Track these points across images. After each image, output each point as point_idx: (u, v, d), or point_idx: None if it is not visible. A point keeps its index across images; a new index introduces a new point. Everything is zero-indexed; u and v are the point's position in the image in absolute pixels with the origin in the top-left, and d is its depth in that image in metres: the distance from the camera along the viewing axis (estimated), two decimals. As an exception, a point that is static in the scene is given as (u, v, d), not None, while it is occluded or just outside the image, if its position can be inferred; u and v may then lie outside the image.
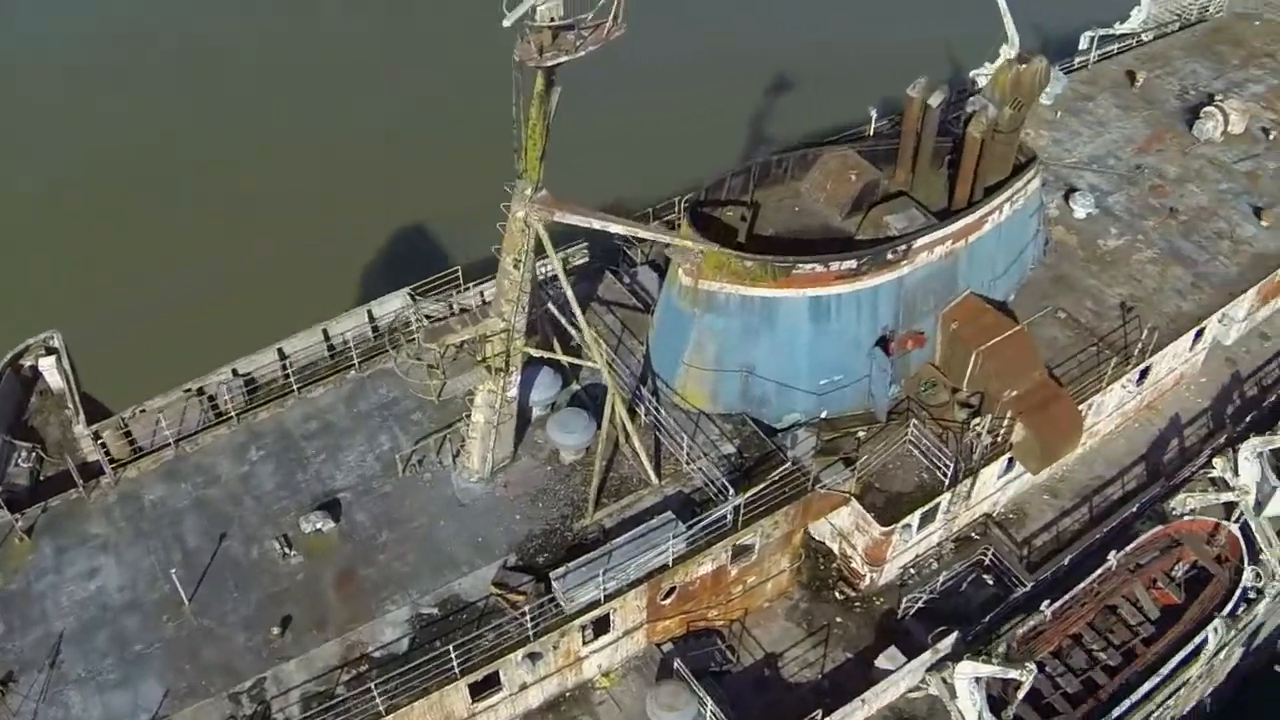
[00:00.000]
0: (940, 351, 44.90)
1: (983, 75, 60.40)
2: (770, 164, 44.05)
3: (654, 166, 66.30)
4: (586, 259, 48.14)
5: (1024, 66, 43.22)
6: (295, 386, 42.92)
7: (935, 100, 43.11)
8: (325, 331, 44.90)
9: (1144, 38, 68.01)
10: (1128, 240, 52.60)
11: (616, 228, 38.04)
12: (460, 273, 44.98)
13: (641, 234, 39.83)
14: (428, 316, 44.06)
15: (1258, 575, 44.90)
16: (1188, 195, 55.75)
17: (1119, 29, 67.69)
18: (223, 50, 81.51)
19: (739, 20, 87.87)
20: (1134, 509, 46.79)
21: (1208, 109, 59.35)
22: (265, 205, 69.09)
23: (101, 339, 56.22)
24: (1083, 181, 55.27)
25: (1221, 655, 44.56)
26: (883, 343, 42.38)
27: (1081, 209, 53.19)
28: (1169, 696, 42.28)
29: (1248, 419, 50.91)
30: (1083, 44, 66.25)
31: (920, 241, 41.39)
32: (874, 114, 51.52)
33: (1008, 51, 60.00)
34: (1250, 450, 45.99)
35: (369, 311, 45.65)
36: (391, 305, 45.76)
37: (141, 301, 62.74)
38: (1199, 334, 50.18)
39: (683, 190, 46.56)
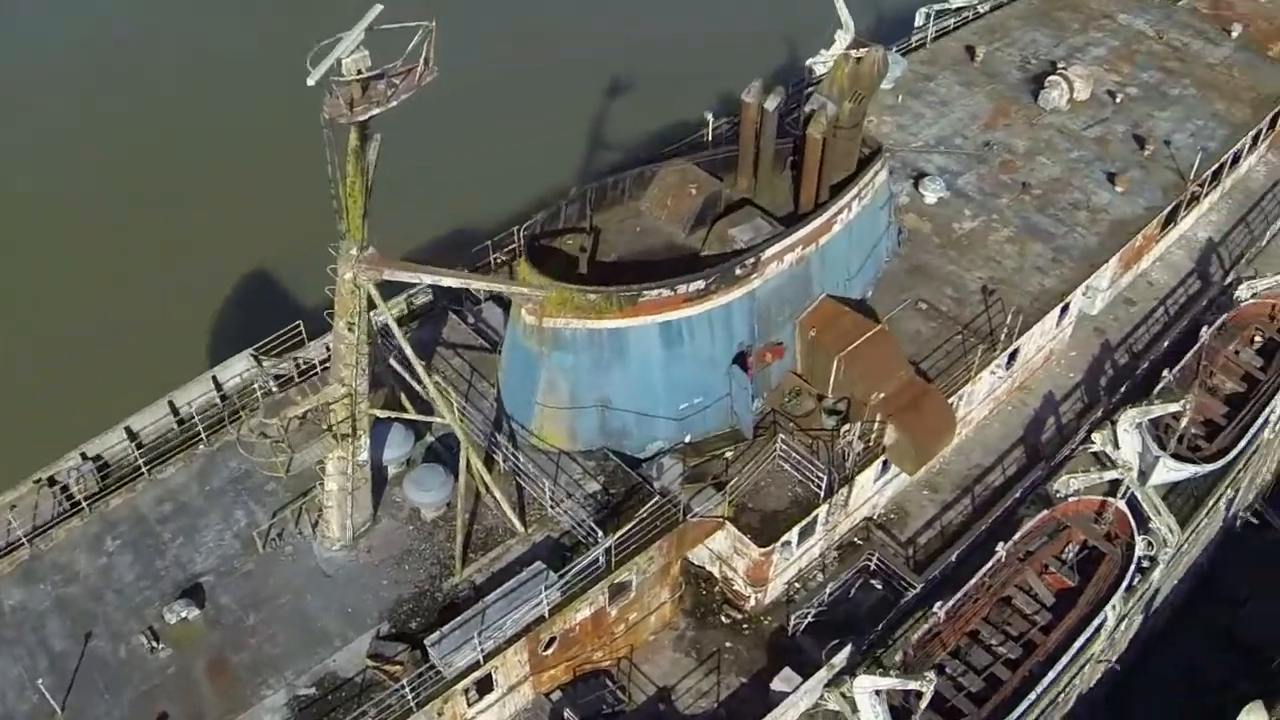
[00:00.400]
0: (801, 359, 45.88)
1: (819, 64, 61.52)
2: (606, 185, 44.56)
3: (490, 194, 66.70)
4: (430, 297, 48.31)
5: (860, 59, 44.54)
6: (145, 468, 42.62)
7: (771, 104, 44.05)
8: (171, 404, 44.62)
9: (980, 9, 69.93)
10: (983, 221, 54.26)
11: (450, 281, 38.41)
12: (303, 328, 44.96)
13: (476, 285, 40.31)
14: (275, 376, 44.19)
15: (1150, 544, 46.64)
16: (1039, 168, 57.70)
17: (954, 3, 69.38)
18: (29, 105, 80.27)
19: (558, 25, 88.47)
20: (1017, 495, 48.37)
21: (1052, 78, 61.37)
22: (96, 266, 68.10)
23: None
24: (931, 165, 56.90)
25: (1122, 627, 46.55)
26: (741, 359, 43.22)
27: (932, 194, 54.70)
28: (1074, 677, 43.86)
29: (1123, 389, 52.79)
30: (919, 20, 67.87)
31: (769, 252, 42.29)
32: (710, 117, 52.46)
33: (843, 37, 61.20)
34: (1128, 422, 47.74)
35: (214, 378, 45.44)
36: (236, 368, 45.64)
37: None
38: (1064, 309, 51.88)
39: (524, 212, 47.02)
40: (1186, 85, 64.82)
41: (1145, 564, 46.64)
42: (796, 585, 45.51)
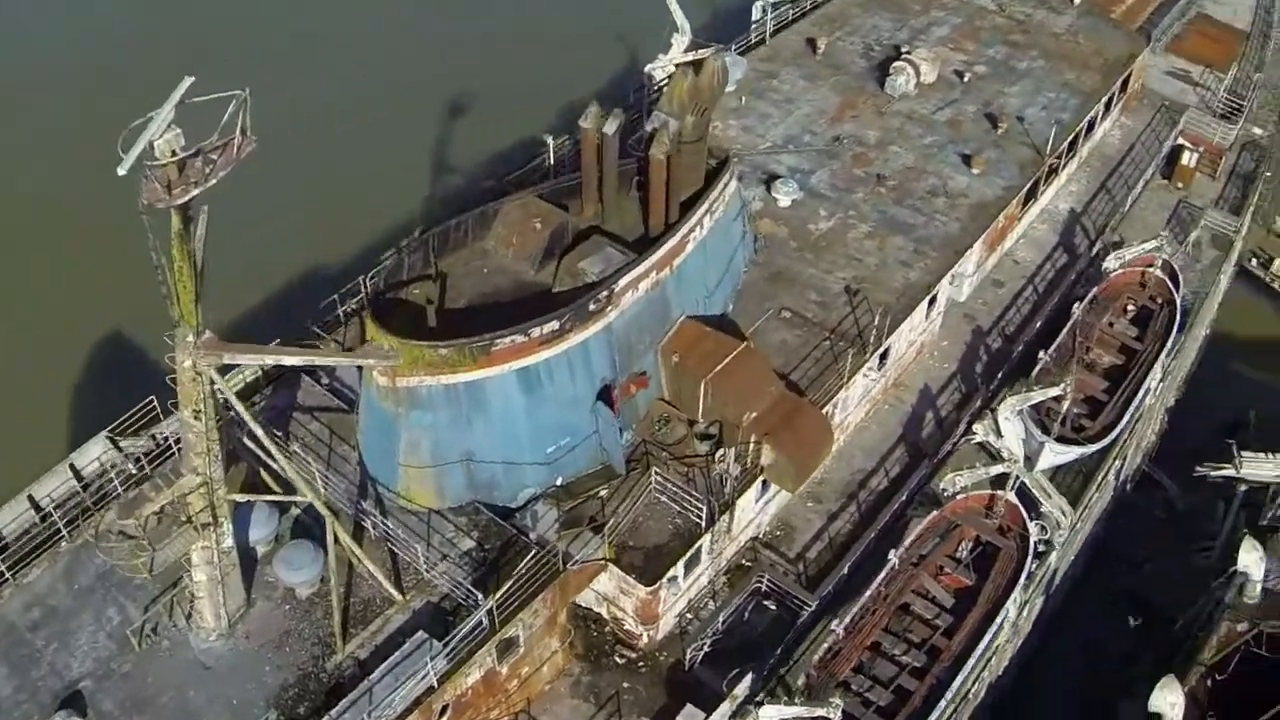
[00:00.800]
0: (668, 385, 46.97)
1: (658, 69, 62.88)
2: (449, 229, 45.07)
3: (330, 237, 67.31)
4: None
5: (699, 71, 45.43)
6: (8, 574, 42.36)
7: (611, 127, 44.91)
8: (31, 498, 44.26)
9: None
10: (840, 219, 55.80)
11: (292, 360, 38.95)
12: (156, 403, 44.82)
13: (320, 361, 40.79)
14: (133, 457, 44.20)
15: (1044, 529, 48.41)
16: (892, 158, 59.52)
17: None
18: None
19: (381, 49, 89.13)
20: (904, 498, 49.90)
21: (897, 64, 63.30)
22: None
23: None
24: (782, 166, 58.38)
25: (1025, 614, 48.44)
26: (605, 394, 44.19)
27: (786, 196, 56.13)
28: (981, 671, 45.38)
29: (999, 375, 54.71)
30: (756, 14, 69.33)
31: (622, 283, 43.23)
32: (550, 140, 53.30)
33: (679, 40, 62.63)
34: (1009, 410, 49.52)
35: (71, 466, 45.09)
36: (92, 453, 45.30)
37: None
38: (932, 302, 53.54)
39: (372, 248, 47.19)
40: (1034, 57, 67.10)
41: (1041, 548, 48.40)
42: (689, 616, 46.48)
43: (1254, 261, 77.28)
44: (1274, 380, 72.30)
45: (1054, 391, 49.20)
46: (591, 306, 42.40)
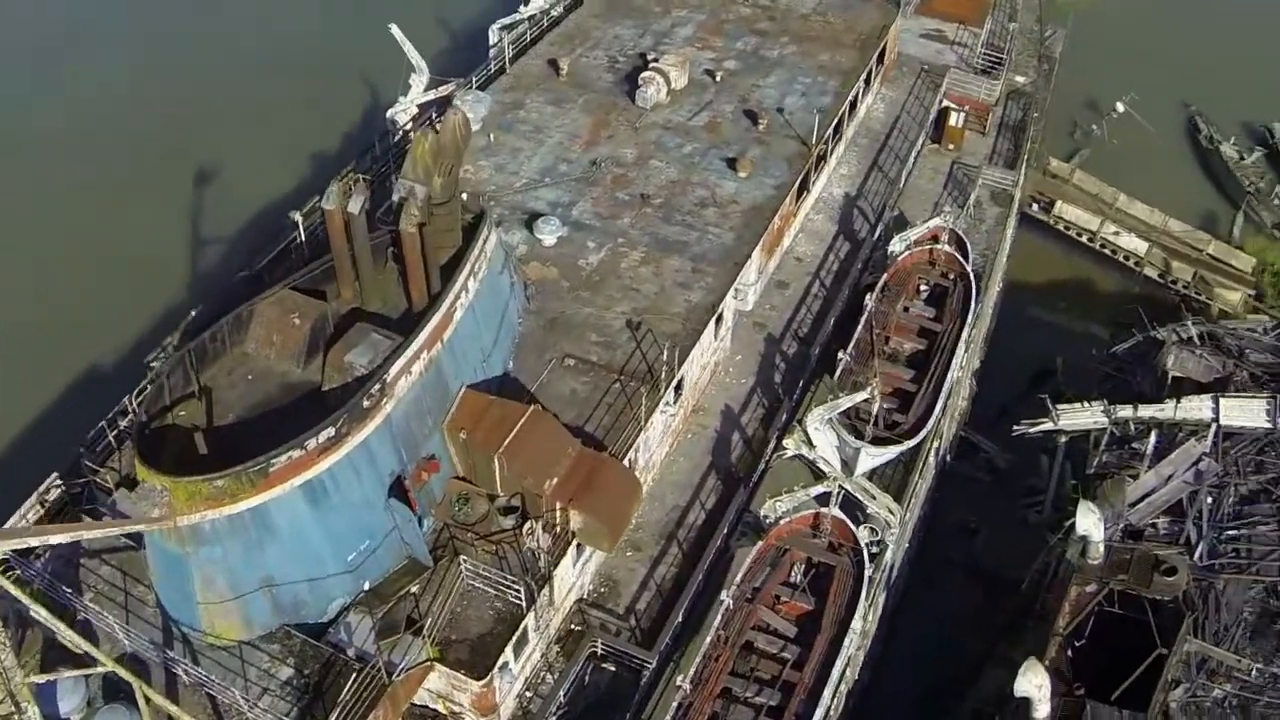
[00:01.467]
0: (460, 461, 48.31)
1: (400, 112, 64.42)
2: (205, 341, 45.61)
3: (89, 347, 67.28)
4: (62, 488, 48.32)
5: (439, 130, 47.05)
6: None
7: (355, 205, 45.96)
8: None
9: (555, 12, 73.62)
10: (610, 249, 57.88)
11: (59, 538, 39.51)
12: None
13: (89, 535, 41.31)
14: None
15: (873, 531, 51.06)
16: (654, 174, 61.89)
17: (524, 12, 72.74)
18: None
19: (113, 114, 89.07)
20: (725, 530, 51.76)
21: (645, 74, 65.64)
22: None
23: None
24: (542, 202, 60.14)
25: (871, 618, 51.36)
26: (397, 487, 45.50)
27: (550, 234, 57.86)
28: (839, 688, 47.75)
29: (801, 383, 57.22)
30: (492, 38, 71.41)
31: (393, 370, 44.38)
32: (299, 218, 54.07)
33: (418, 80, 64.27)
34: (817, 420, 51.79)
35: None
36: None
37: None
38: (718, 320, 55.77)
39: (132, 353, 46.69)
40: (785, 44, 70.24)
41: (875, 550, 50.96)
42: (529, 695, 47.89)
43: (1035, 207, 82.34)
44: (1071, 321, 79.07)
45: (860, 397, 51.48)
46: (365, 403, 43.45)
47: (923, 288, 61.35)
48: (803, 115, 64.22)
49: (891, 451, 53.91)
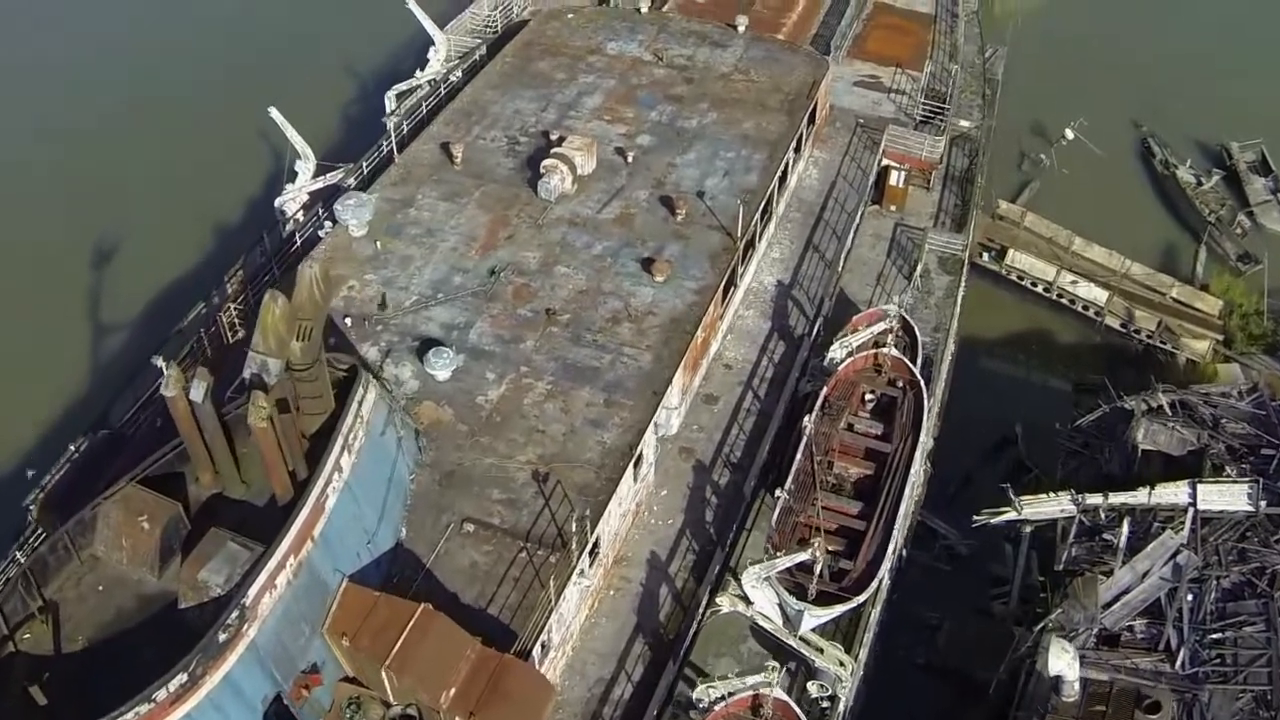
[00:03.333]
0: (347, 664, 43.39)
1: (289, 201, 60.73)
2: (45, 555, 41.18)
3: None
4: None
5: (294, 288, 42.07)
6: None
7: (198, 392, 41.08)
8: None
9: (454, 77, 68.55)
10: (512, 381, 52.19)
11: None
12: None
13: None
14: None
15: (822, 687, 46.97)
16: (560, 282, 56.11)
17: (421, 77, 67.98)
18: None
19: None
20: (654, 713, 46.89)
21: (546, 162, 59.90)
22: None
23: None
24: (434, 324, 54.36)
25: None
26: (276, 706, 41.01)
27: (443, 368, 51.85)
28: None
29: (734, 525, 52.36)
30: (389, 105, 67.91)
31: (255, 588, 39.42)
32: (165, 372, 48.81)
33: (305, 167, 59.72)
34: (753, 579, 47.28)
35: None
36: None
37: None
38: (637, 462, 50.74)
39: None
40: (704, 110, 64.99)
41: (827, 704, 47.04)
42: None
43: (985, 256, 78.06)
44: (1030, 375, 76.29)
45: (800, 557, 46.80)
46: (222, 636, 38.50)
47: (868, 397, 56.43)
48: (725, 200, 59.08)
49: (838, 610, 48.95)
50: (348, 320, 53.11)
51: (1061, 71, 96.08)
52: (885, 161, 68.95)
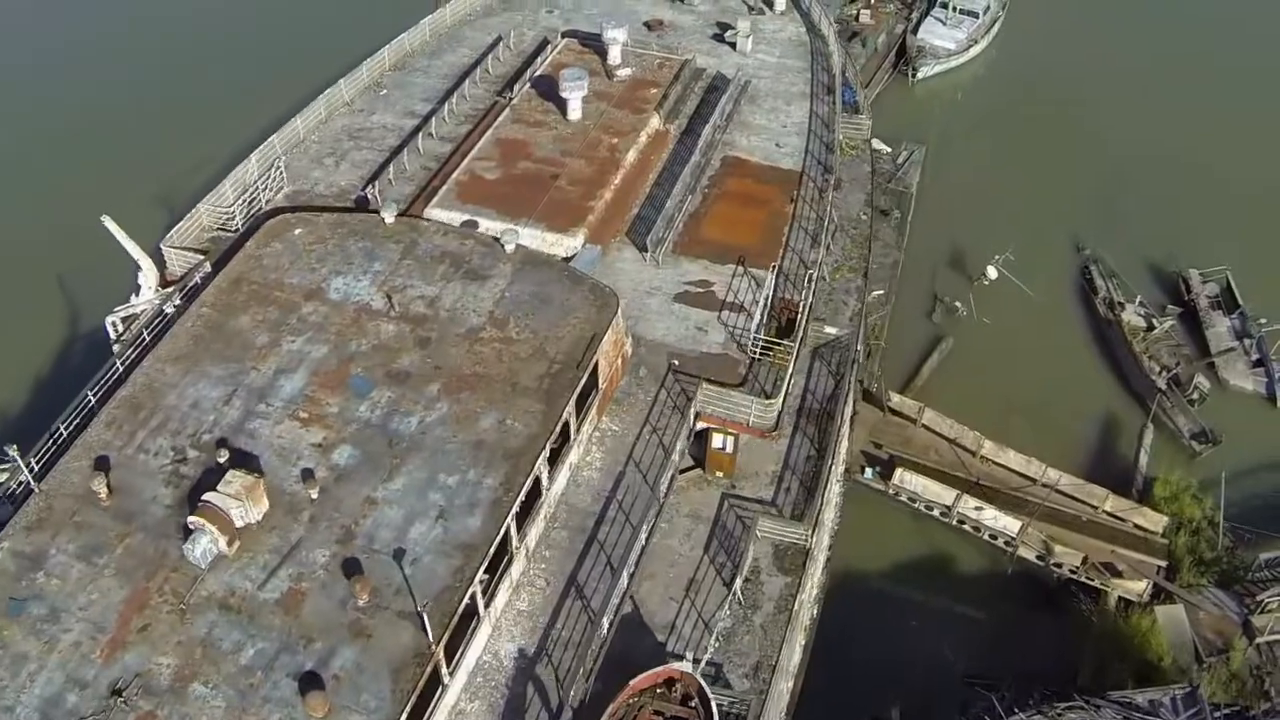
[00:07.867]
0: None
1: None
2: None
3: None
4: None
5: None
6: None
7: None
8: None
9: (169, 309, 58.58)
10: None
11: None
12: None
13: None
14: None
15: None
16: (193, 710, 43.36)
17: (137, 303, 60.61)
18: None
19: None
20: None
21: (192, 519, 47.01)
22: None
23: None
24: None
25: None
26: None
27: None
28: None
29: None
30: (112, 331, 60.27)
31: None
32: None
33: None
34: None
35: None
36: None
37: None
38: None
39: None
40: (433, 399, 51.80)
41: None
42: None
43: (867, 473, 68.30)
44: (923, 623, 67.80)
45: None
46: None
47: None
48: (431, 564, 46.17)
49: None
50: None
51: (991, 173, 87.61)
52: (702, 425, 55.72)
